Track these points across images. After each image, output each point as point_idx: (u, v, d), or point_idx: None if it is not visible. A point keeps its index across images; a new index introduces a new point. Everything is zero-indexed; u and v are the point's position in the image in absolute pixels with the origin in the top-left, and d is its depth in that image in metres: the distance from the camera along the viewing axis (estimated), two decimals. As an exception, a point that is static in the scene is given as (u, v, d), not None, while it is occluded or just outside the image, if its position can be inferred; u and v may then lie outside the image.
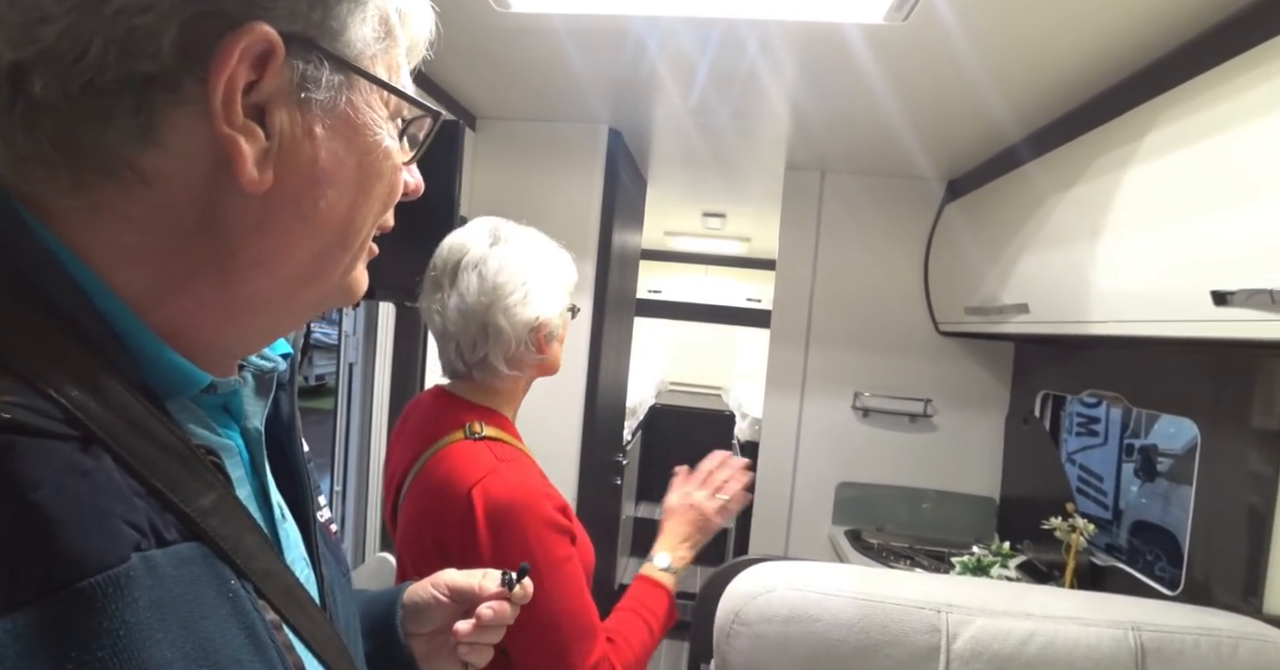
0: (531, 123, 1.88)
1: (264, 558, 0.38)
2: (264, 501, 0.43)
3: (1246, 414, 1.13)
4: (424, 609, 0.65)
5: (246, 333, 0.41)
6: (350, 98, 0.38)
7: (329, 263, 0.40)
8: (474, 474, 0.86)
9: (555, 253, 0.97)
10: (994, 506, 2.01)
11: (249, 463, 0.43)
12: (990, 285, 1.56)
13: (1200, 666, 0.92)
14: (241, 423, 0.43)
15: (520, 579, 0.63)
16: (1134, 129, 1.08)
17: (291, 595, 0.39)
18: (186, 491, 0.35)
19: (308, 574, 0.45)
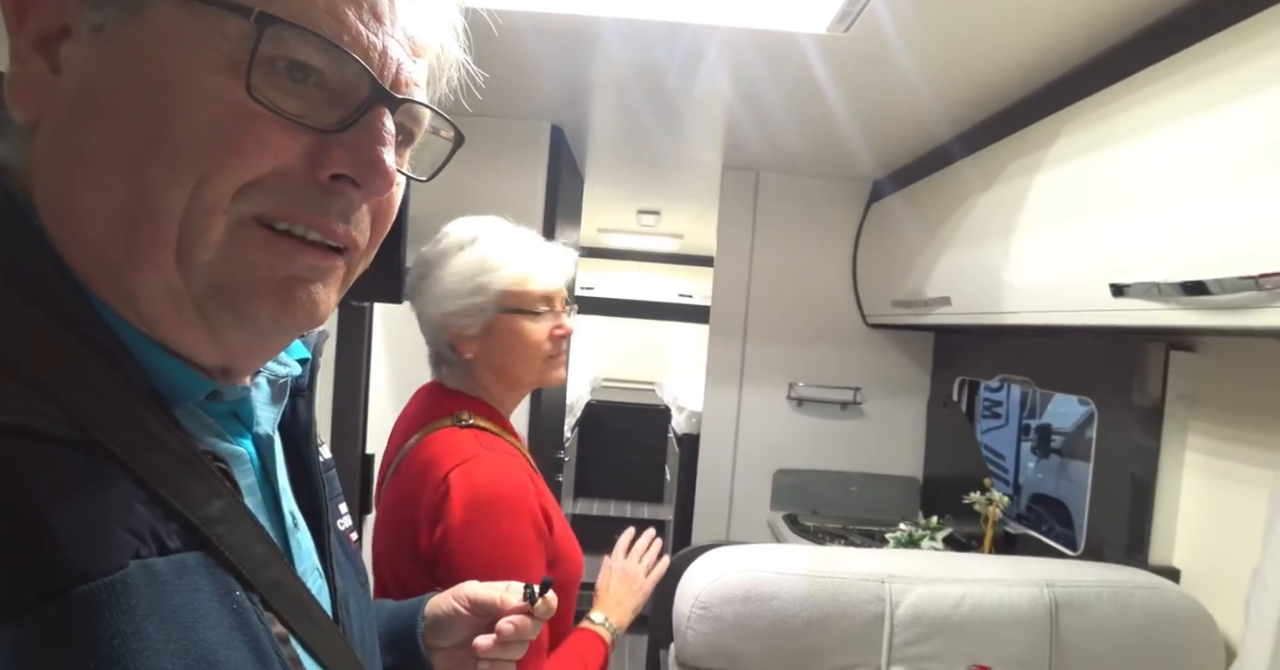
0: (472, 118, 1.86)
1: (273, 568, 0.37)
2: (275, 510, 0.42)
3: (1132, 393, 1.27)
4: (445, 622, 0.63)
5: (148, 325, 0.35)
6: (146, 14, 0.32)
7: (138, 232, 0.33)
8: (455, 458, 0.85)
9: (482, 255, 0.93)
10: (918, 485, 2.17)
11: (260, 470, 0.41)
12: (915, 280, 1.68)
13: (1104, 614, 1.05)
14: (253, 429, 0.41)
15: (543, 593, 0.61)
16: (1043, 137, 1.19)
17: (301, 607, 0.38)
18: (191, 499, 0.34)
19: (320, 585, 0.44)
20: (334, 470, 0.52)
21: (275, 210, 0.35)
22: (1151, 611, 1.05)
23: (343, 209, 0.37)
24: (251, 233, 0.34)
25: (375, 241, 0.41)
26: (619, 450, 4.26)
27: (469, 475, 0.83)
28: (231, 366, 0.39)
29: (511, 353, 0.94)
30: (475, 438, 0.89)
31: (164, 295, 0.34)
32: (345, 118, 0.35)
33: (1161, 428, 1.23)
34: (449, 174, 1.77)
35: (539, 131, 1.87)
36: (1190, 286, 0.86)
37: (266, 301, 0.36)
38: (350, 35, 0.35)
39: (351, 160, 0.35)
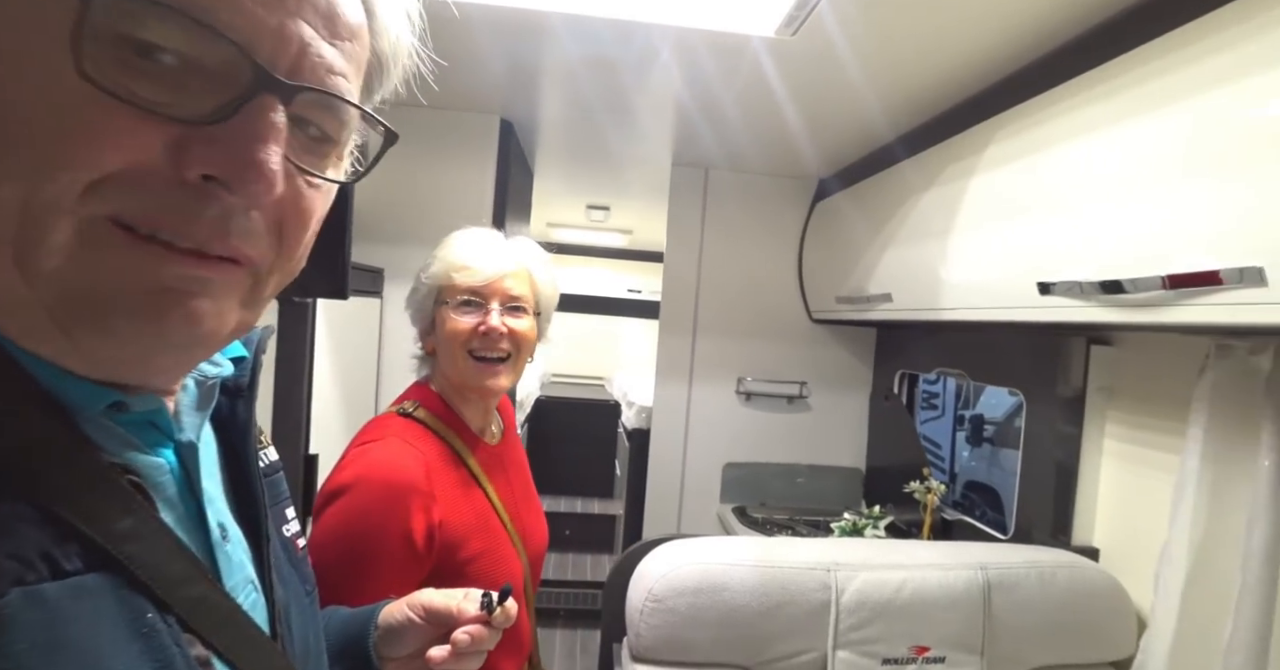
0: (421, 110, 1.81)
1: (193, 585, 0.34)
2: (200, 523, 0.39)
3: (1056, 385, 1.36)
4: (398, 631, 0.60)
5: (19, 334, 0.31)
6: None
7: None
8: (361, 439, 0.88)
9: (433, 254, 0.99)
10: (861, 476, 2.25)
11: (184, 481, 0.38)
12: (858, 277, 1.74)
13: (1030, 593, 1.12)
14: (176, 437, 0.38)
15: (502, 601, 0.58)
16: (978, 141, 1.25)
17: (229, 625, 0.36)
18: (95, 516, 0.31)
19: (255, 599, 0.41)
20: (281, 473, 0.50)
21: (133, 213, 0.30)
22: (1073, 588, 1.13)
23: (219, 215, 0.31)
24: (107, 236, 0.29)
25: (290, 249, 0.36)
26: (569, 446, 4.24)
27: (362, 455, 0.85)
28: (121, 381, 0.35)
29: (445, 350, 0.96)
30: (399, 425, 0.90)
31: (10, 304, 0.30)
32: (220, 108, 0.30)
33: (1083, 417, 1.31)
34: (396, 168, 1.70)
35: (488, 125, 1.84)
36: (1108, 285, 0.92)
37: (131, 316, 0.31)
38: (231, 9, 0.30)
39: (222, 159, 0.30)
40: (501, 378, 0.95)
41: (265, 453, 0.49)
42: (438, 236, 1.02)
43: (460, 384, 0.96)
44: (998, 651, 1.10)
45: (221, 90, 0.30)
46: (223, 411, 0.44)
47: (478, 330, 0.93)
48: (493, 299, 0.95)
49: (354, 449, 0.87)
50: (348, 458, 0.86)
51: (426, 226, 1.91)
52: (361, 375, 1.79)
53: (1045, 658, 1.14)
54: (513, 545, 0.95)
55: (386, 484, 0.81)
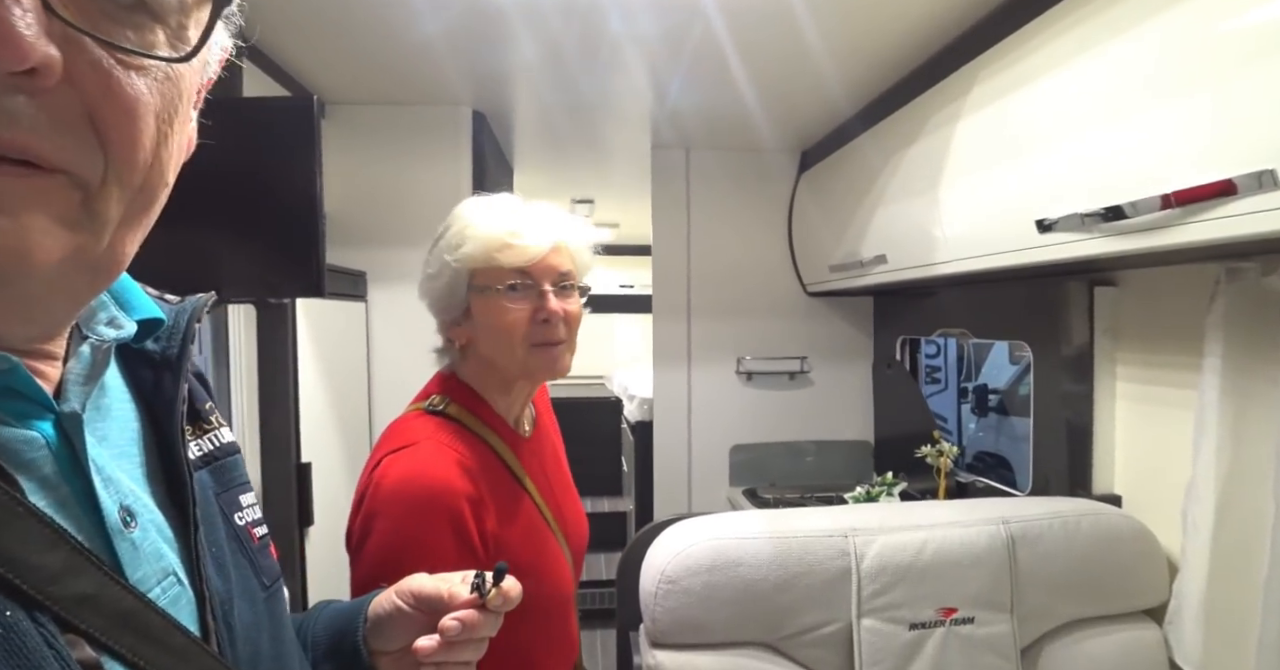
0: (388, 107, 1.77)
1: (77, 579, 0.31)
2: (91, 505, 0.34)
3: (1061, 332, 1.32)
4: (388, 622, 0.54)
5: None
6: None
7: None
8: (394, 443, 0.77)
9: (451, 233, 0.84)
10: (870, 448, 2.21)
11: (67, 459, 0.34)
12: (850, 242, 1.70)
13: (1055, 543, 1.08)
14: (56, 408, 0.34)
15: (497, 582, 0.51)
16: (961, 86, 1.22)
17: (129, 623, 0.32)
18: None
19: (177, 593, 0.37)
20: (237, 456, 0.45)
21: None
22: (1098, 536, 1.09)
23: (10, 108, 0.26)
24: None
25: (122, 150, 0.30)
26: (573, 445, 4.18)
27: (396, 463, 0.75)
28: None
29: (492, 340, 0.83)
30: (431, 426, 0.80)
31: None
32: None
33: (1093, 361, 1.28)
34: (369, 166, 1.65)
35: (459, 117, 1.80)
36: (1109, 212, 0.88)
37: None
38: None
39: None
40: (565, 358, 0.86)
41: (216, 434, 0.44)
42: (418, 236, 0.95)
43: (519, 375, 0.85)
44: (1027, 607, 1.06)
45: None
46: (147, 387, 0.40)
47: (536, 318, 0.82)
48: (544, 279, 0.82)
49: (383, 458, 0.76)
50: (378, 472, 0.75)
51: (406, 226, 1.87)
52: (352, 381, 1.74)
53: (1077, 610, 1.10)
54: (560, 547, 0.87)
55: (428, 499, 0.72)
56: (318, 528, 1.42)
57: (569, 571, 0.88)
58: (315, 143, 1.10)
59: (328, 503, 1.46)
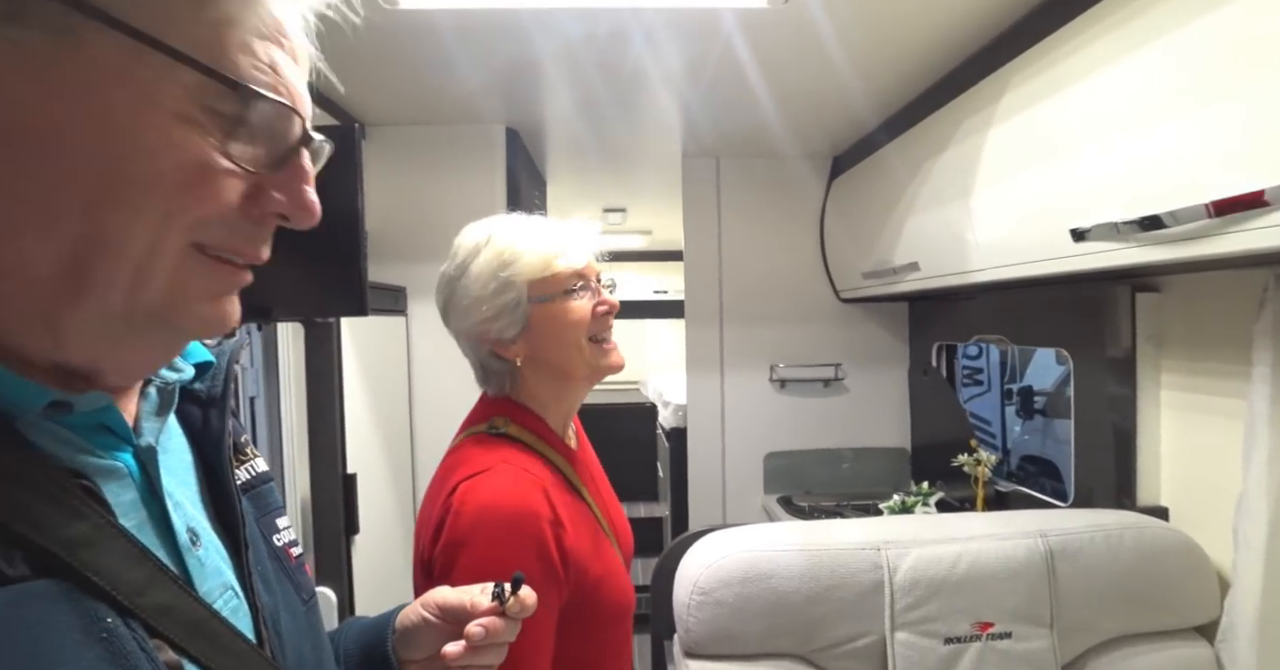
0: (425, 127, 1.83)
1: (159, 591, 0.34)
2: (166, 528, 0.39)
3: (1103, 339, 1.29)
4: (415, 632, 0.59)
5: (64, 348, 0.34)
6: (87, 49, 0.31)
7: (92, 272, 0.32)
8: (468, 469, 0.78)
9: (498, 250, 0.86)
10: (907, 455, 2.18)
11: (144, 486, 0.38)
12: (882, 249, 1.69)
13: (1096, 558, 1.06)
14: (134, 441, 0.39)
15: (515, 591, 0.56)
16: (993, 92, 1.20)
17: (202, 631, 0.36)
18: (39, 522, 0.31)
19: (236, 605, 0.41)
20: (271, 484, 0.50)
21: (217, 242, 0.36)
22: (1143, 550, 1.06)
23: (266, 236, 0.39)
24: (193, 261, 0.35)
25: None
26: (609, 451, 4.20)
27: (474, 490, 0.76)
28: (108, 382, 0.37)
29: (556, 345, 0.86)
30: (498, 448, 0.82)
31: (95, 320, 0.34)
32: (277, 160, 0.37)
33: (1135, 369, 1.24)
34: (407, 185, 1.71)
35: (493, 135, 1.85)
36: (1146, 222, 0.87)
37: (201, 317, 0.37)
38: (284, 86, 0.37)
39: (287, 202, 0.38)
40: (618, 351, 0.91)
41: (251, 465, 0.49)
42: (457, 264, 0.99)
43: (585, 375, 0.89)
44: (1068, 622, 1.04)
45: (274, 144, 0.37)
46: (196, 422, 0.44)
47: (596, 311, 0.87)
48: (591, 278, 0.89)
49: (460, 485, 0.77)
50: (456, 499, 0.76)
51: (444, 242, 1.92)
52: (394, 393, 1.80)
53: (1121, 626, 1.07)
54: (618, 556, 0.89)
55: (512, 526, 0.74)
56: (362, 536, 1.48)
57: (630, 582, 0.89)
58: (358, 170, 1.15)
59: (371, 512, 1.52)
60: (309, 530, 1.40)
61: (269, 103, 0.35)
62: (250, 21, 0.35)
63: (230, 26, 0.34)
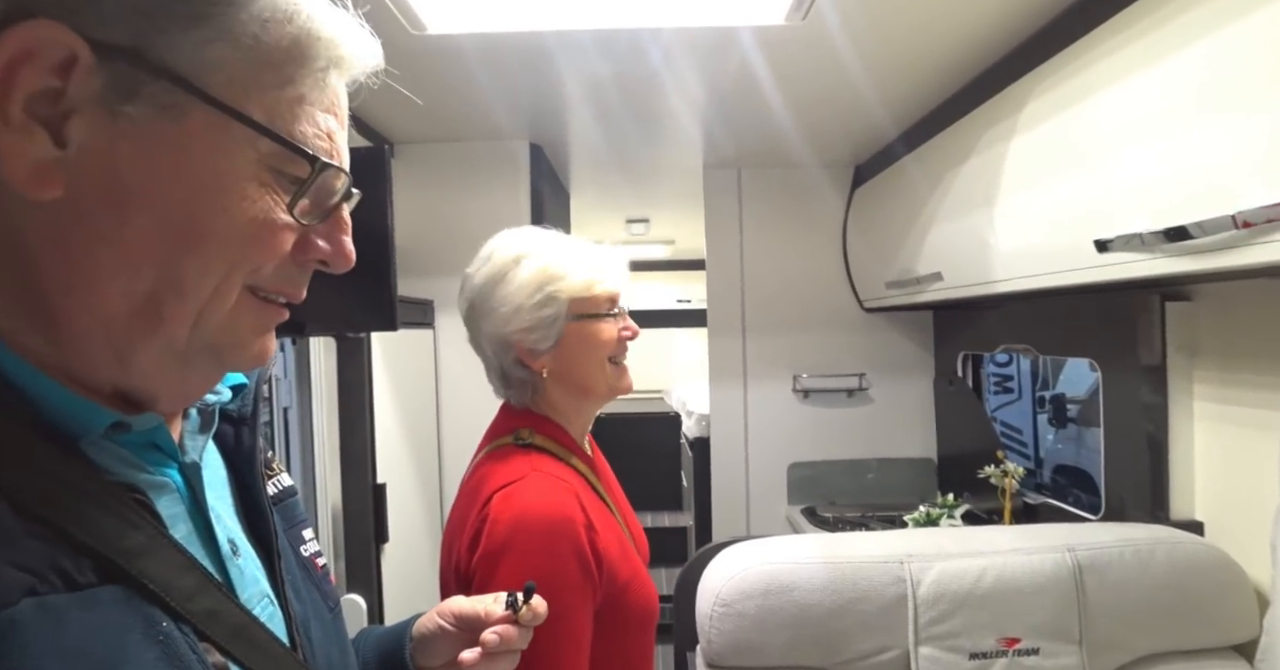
0: (451, 144, 1.88)
1: (206, 598, 0.37)
2: (209, 538, 0.42)
3: (1132, 349, 1.27)
4: (431, 640, 0.61)
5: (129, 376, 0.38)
6: (186, 122, 0.35)
7: (163, 310, 0.36)
8: (501, 479, 0.80)
9: (543, 265, 0.89)
10: (933, 466, 2.15)
11: (190, 499, 0.42)
12: (905, 259, 1.68)
13: (1126, 573, 1.04)
14: (180, 459, 0.42)
15: (528, 599, 0.58)
16: (1013, 103, 1.20)
17: (243, 635, 0.38)
18: (103, 533, 0.34)
19: (272, 612, 0.44)
20: (296, 497, 0.53)
21: (268, 285, 0.41)
22: (1175, 566, 1.04)
23: (306, 279, 0.44)
24: (247, 301, 0.40)
25: None
26: (633, 460, 4.22)
27: (509, 499, 0.78)
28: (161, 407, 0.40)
29: (583, 362, 0.90)
30: (528, 458, 0.84)
31: (163, 353, 0.38)
32: (324, 212, 0.41)
33: (1166, 380, 1.22)
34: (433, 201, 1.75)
35: (517, 150, 1.89)
36: (1172, 233, 0.86)
37: (247, 352, 0.42)
38: (335, 148, 0.41)
39: (329, 250, 0.42)
40: (629, 375, 0.96)
41: (277, 479, 0.52)
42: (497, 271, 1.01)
43: (604, 393, 0.93)
44: (1097, 638, 1.02)
45: (324, 200, 0.41)
46: (229, 440, 0.48)
47: (622, 336, 0.93)
48: (618, 301, 0.94)
49: (495, 495, 0.79)
50: (494, 509, 0.78)
51: (470, 255, 1.96)
52: (421, 404, 1.84)
53: (1154, 644, 1.05)
54: (641, 561, 0.91)
55: (550, 532, 0.76)
56: (390, 544, 1.51)
57: (653, 585, 0.91)
58: (388, 190, 1.19)
59: (400, 521, 1.55)
60: (339, 538, 1.44)
61: (330, 168, 0.40)
62: (317, 98, 0.39)
63: (302, 103, 0.39)
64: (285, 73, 0.38)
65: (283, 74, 0.38)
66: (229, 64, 0.36)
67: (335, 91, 0.41)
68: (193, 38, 0.35)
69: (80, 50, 0.33)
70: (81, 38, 0.33)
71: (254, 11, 0.36)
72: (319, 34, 0.39)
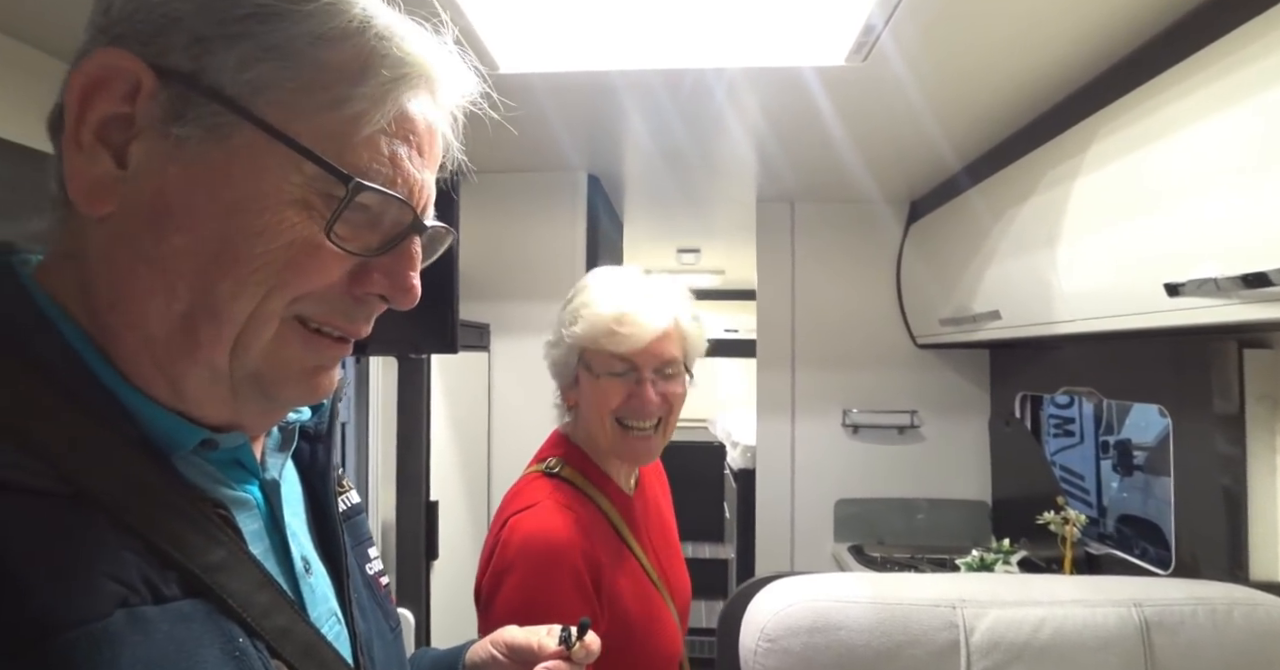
0: (512, 175, 1.96)
1: (280, 615, 0.37)
2: (285, 555, 0.42)
3: (1208, 399, 1.21)
4: (483, 668, 0.62)
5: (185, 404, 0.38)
6: (230, 143, 0.35)
7: (199, 333, 0.36)
8: (519, 504, 0.84)
9: (574, 306, 0.90)
10: (987, 509, 2.07)
11: (268, 516, 0.42)
12: (961, 296, 1.65)
13: (1200, 634, 0.98)
14: (260, 476, 0.43)
15: (581, 636, 0.58)
16: (1078, 143, 1.18)
17: (312, 653, 0.38)
18: (189, 547, 0.34)
19: (339, 630, 0.44)
20: (363, 515, 0.54)
21: (317, 316, 0.39)
22: (1255, 629, 0.98)
23: (368, 314, 0.41)
24: (293, 332, 0.38)
25: None
26: (676, 490, 4.20)
27: (520, 523, 0.81)
28: (241, 428, 0.41)
29: (588, 413, 0.89)
30: (549, 487, 0.86)
31: (208, 381, 0.37)
32: (385, 244, 0.39)
33: (1245, 432, 1.16)
34: (494, 228, 1.84)
35: (576, 182, 1.95)
36: (1251, 279, 0.83)
37: (296, 387, 0.40)
38: (403, 177, 0.39)
39: (388, 284, 0.40)
40: (653, 445, 0.90)
41: (347, 497, 0.52)
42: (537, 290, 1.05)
43: (607, 450, 0.90)
44: (1168, 703, 0.97)
45: (384, 228, 0.39)
46: (304, 456, 0.48)
47: (629, 402, 0.86)
48: (646, 365, 0.86)
49: (509, 519, 0.83)
50: (506, 531, 0.81)
51: (527, 281, 2.04)
52: (474, 426, 1.89)
53: (1231, 712, 0.98)
54: (666, 606, 0.90)
55: (553, 555, 0.78)
56: (440, 561, 1.54)
57: (677, 630, 0.91)
58: (454, 221, 1.26)
59: (450, 539, 1.58)
60: (391, 554, 1.48)
61: (376, 194, 0.37)
62: (377, 121, 0.37)
63: (357, 123, 0.37)
64: (337, 92, 0.36)
65: (335, 93, 0.36)
66: (275, 83, 0.35)
67: (410, 117, 0.39)
68: (239, 56, 0.35)
69: (145, 77, 0.34)
70: (146, 65, 0.34)
71: (305, 28, 0.36)
72: (384, 52, 0.37)
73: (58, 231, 0.38)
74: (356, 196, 0.36)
